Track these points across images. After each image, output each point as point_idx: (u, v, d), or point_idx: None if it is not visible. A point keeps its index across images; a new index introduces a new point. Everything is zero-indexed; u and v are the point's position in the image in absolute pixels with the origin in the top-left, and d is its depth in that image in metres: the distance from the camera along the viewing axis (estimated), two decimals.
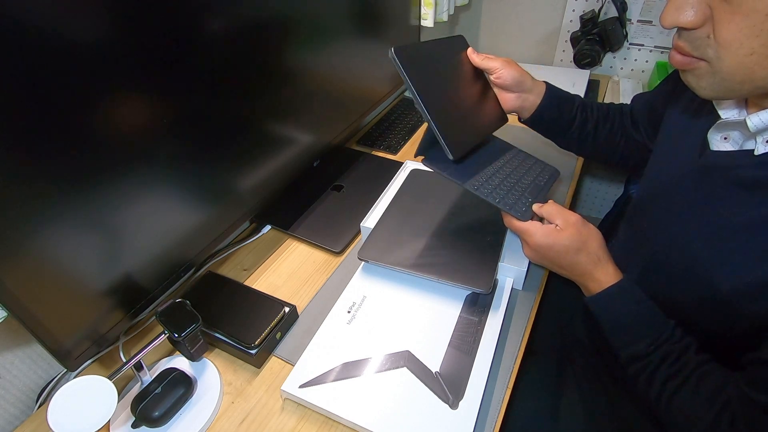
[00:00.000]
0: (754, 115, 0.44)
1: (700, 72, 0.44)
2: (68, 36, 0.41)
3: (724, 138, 0.50)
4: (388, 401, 0.54)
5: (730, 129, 0.49)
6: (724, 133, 0.50)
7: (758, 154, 0.45)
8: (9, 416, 0.59)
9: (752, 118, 0.44)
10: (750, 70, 0.41)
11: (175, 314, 0.56)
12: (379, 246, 0.69)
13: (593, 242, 0.56)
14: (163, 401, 0.53)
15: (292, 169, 0.80)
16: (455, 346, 0.60)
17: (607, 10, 1.30)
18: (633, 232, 0.64)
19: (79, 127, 0.45)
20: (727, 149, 0.49)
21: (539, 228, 0.57)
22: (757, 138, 0.45)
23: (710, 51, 0.42)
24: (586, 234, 0.56)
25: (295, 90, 0.76)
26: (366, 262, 0.68)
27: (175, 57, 0.52)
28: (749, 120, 0.44)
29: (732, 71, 0.41)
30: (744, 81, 0.42)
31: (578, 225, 0.56)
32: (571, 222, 0.57)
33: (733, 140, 0.49)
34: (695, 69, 0.44)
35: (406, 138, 1.09)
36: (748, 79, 0.41)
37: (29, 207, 0.43)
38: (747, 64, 0.40)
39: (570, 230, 0.56)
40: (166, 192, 0.57)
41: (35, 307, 0.46)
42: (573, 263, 0.56)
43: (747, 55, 0.40)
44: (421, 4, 1.13)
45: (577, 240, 0.55)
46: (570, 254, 0.56)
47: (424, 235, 0.70)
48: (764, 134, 0.45)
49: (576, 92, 1.15)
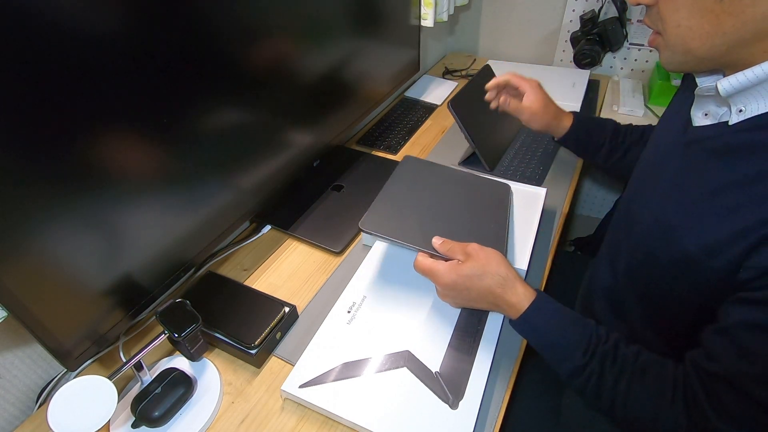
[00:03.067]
0: (724, 80, 0.45)
1: (660, 46, 0.50)
2: (76, 35, 0.41)
3: (705, 114, 0.52)
4: (388, 401, 0.54)
5: (707, 102, 0.51)
6: (704, 109, 0.52)
7: (732, 123, 0.47)
8: (9, 416, 0.59)
9: (722, 83, 0.46)
10: (684, 41, 0.46)
11: (175, 314, 0.56)
12: (382, 219, 0.64)
13: (493, 263, 0.56)
14: (163, 401, 0.53)
15: (292, 169, 0.80)
16: (455, 346, 0.60)
17: (607, 10, 1.30)
18: (623, 219, 0.64)
19: (79, 127, 0.45)
20: (706, 124, 0.51)
21: (442, 266, 0.57)
22: (732, 108, 0.47)
23: (660, 24, 0.49)
24: (484, 258, 0.56)
25: (295, 90, 0.76)
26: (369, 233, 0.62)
27: (175, 57, 0.52)
28: (720, 84, 0.46)
29: (673, 43, 0.48)
30: (684, 52, 0.47)
31: (476, 252, 0.56)
32: (470, 252, 0.57)
33: (712, 116, 0.51)
34: (658, 44, 0.51)
35: (406, 138, 1.09)
36: (685, 50, 0.47)
37: (29, 207, 0.43)
38: (679, 36, 0.46)
39: (470, 260, 0.56)
40: (166, 192, 0.57)
41: (35, 307, 0.46)
42: (481, 290, 0.56)
43: (675, 27, 0.46)
44: (421, 4, 1.13)
45: (477, 266, 0.55)
46: (475, 281, 0.55)
47: (428, 215, 0.67)
48: (738, 104, 0.46)
49: (576, 92, 1.16)
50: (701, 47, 0.46)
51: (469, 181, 0.78)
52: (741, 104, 0.46)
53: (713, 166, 0.49)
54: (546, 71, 1.30)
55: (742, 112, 0.46)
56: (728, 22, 0.42)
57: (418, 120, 1.16)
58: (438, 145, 1.06)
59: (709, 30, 0.44)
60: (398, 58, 1.09)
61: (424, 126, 1.15)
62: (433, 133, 1.12)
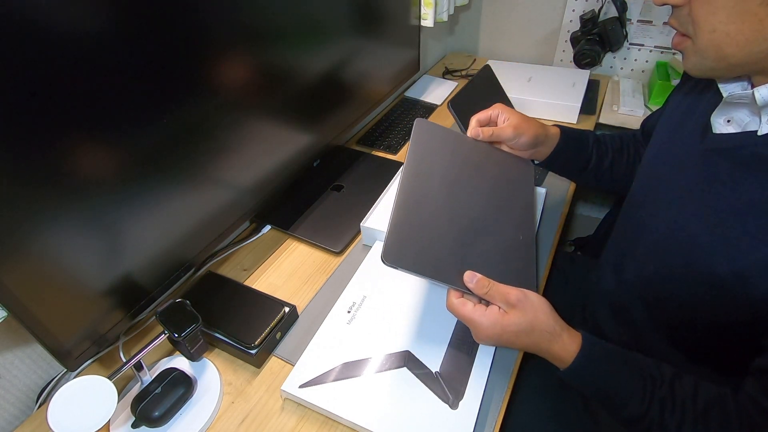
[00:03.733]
0: (762, 88, 0.43)
1: (687, 50, 0.47)
2: (74, 36, 0.41)
3: (727, 121, 0.49)
4: (388, 401, 0.54)
5: (735, 108, 0.48)
6: (727, 115, 0.49)
7: (762, 134, 0.45)
8: (9, 416, 0.59)
9: (761, 90, 0.43)
10: (718, 47, 0.43)
11: (175, 314, 0.56)
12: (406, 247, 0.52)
13: (541, 316, 0.51)
14: (163, 401, 0.53)
15: (292, 169, 0.80)
16: (455, 346, 0.59)
17: (607, 10, 1.30)
18: (630, 225, 0.63)
19: (78, 127, 0.45)
20: (729, 132, 0.49)
21: (482, 316, 0.51)
22: (762, 117, 0.45)
23: (690, 28, 0.45)
24: (532, 312, 0.51)
25: (295, 90, 0.76)
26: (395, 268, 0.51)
27: (175, 57, 0.52)
28: (757, 92, 0.43)
29: (705, 48, 0.45)
30: (717, 59, 0.44)
31: (521, 303, 0.50)
32: (513, 302, 0.50)
33: (736, 123, 0.48)
34: (685, 48, 0.48)
35: (406, 138, 1.09)
36: (719, 56, 0.44)
37: (29, 207, 0.43)
38: (714, 41, 0.43)
39: (515, 312, 0.50)
40: (166, 192, 0.57)
41: (35, 307, 0.46)
42: (526, 344, 0.52)
43: (710, 32, 0.43)
44: (421, 4, 1.13)
45: (524, 322, 0.50)
46: (522, 337, 0.51)
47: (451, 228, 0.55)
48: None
49: (576, 92, 1.16)
50: (738, 54, 0.43)
51: (490, 157, 0.66)
52: None
53: (744, 180, 0.46)
54: (546, 71, 1.30)
55: None
56: None
57: None
58: None
59: (749, 36, 0.41)
60: (398, 58, 1.09)
61: None
62: None
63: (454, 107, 0.84)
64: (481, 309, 0.51)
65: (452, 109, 0.84)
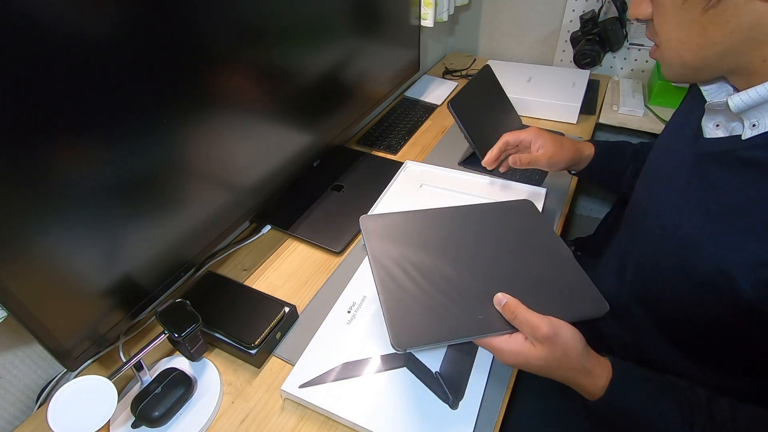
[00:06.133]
0: (735, 96, 0.44)
1: (659, 58, 0.51)
2: (74, 38, 0.41)
3: (717, 125, 0.51)
4: (388, 401, 0.54)
5: (718, 114, 0.50)
6: (715, 120, 0.51)
7: (745, 138, 0.46)
8: (9, 416, 0.59)
9: (734, 98, 0.44)
10: (677, 54, 0.47)
11: (175, 314, 0.56)
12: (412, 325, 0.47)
13: (571, 354, 0.47)
14: (163, 401, 0.53)
15: (292, 169, 0.80)
16: (455, 346, 0.59)
17: (607, 10, 1.30)
18: (631, 227, 0.64)
19: (77, 129, 0.45)
20: (718, 136, 0.50)
21: (504, 343, 0.47)
22: (744, 122, 0.46)
23: (657, 38, 0.49)
24: (561, 350, 0.47)
25: (295, 90, 0.75)
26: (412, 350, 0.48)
27: (175, 56, 0.52)
28: (731, 101, 0.45)
29: (668, 56, 0.48)
30: (680, 65, 0.48)
31: (549, 341, 0.46)
32: (540, 338, 0.46)
33: (724, 127, 0.50)
34: (657, 57, 0.51)
35: (406, 138, 1.09)
36: (681, 62, 0.47)
37: (30, 208, 0.43)
38: (672, 48, 0.47)
39: (541, 348, 0.47)
40: (166, 192, 0.57)
41: (35, 307, 0.46)
42: (553, 376, 0.49)
43: (667, 40, 0.47)
44: (421, 4, 1.13)
45: (551, 359, 0.47)
46: (546, 370, 0.48)
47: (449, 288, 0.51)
48: (751, 118, 0.45)
49: (576, 92, 1.16)
50: (694, 59, 0.46)
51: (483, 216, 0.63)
52: (754, 119, 0.45)
53: (730, 182, 0.47)
54: (546, 71, 1.30)
55: (755, 126, 0.45)
56: (715, 32, 0.42)
57: (418, 120, 1.16)
58: (438, 145, 1.06)
59: (699, 41, 0.44)
60: (398, 58, 1.09)
61: (424, 126, 1.15)
62: (433, 133, 1.12)
63: (454, 107, 0.85)
64: (506, 339, 0.48)
65: (452, 109, 0.84)
